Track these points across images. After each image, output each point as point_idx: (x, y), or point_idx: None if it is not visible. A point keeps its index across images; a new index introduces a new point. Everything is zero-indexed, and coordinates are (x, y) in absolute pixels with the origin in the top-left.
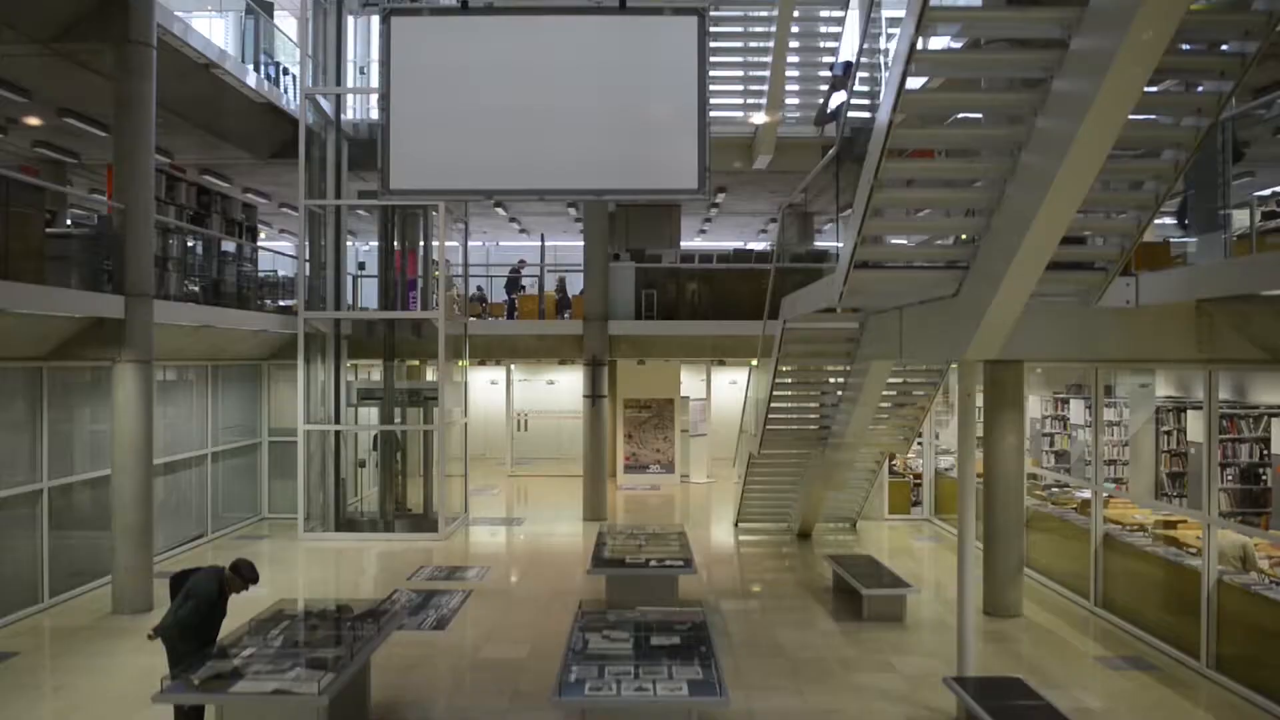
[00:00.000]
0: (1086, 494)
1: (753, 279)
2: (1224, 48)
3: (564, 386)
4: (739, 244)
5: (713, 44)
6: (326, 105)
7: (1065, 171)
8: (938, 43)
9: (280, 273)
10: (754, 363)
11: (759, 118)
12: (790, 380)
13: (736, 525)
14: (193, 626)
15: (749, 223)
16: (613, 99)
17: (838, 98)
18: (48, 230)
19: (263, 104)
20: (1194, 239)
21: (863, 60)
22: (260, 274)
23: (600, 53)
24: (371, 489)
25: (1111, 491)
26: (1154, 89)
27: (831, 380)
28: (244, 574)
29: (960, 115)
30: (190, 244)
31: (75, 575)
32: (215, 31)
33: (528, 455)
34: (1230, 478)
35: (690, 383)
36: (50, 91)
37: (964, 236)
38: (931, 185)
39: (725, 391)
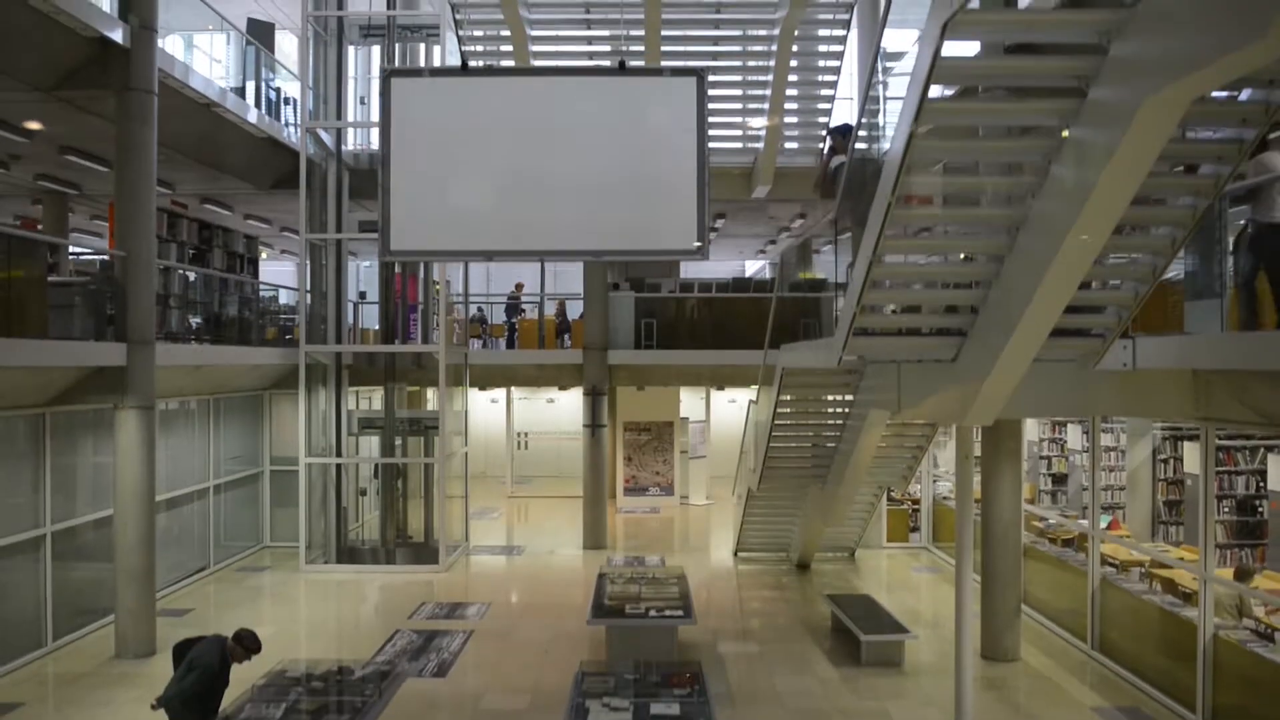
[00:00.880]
0: (1084, 523)
1: (752, 306)
2: (1222, 134)
3: (564, 405)
4: (738, 262)
5: (713, 77)
6: (327, 137)
7: (1062, 256)
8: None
9: (282, 299)
10: (754, 393)
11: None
12: (789, 420)
13: (736, 554)
14: (196, 696)
15: (748, 244)
16: (612, 160)
17: (837, 154)
18: (50, 279)
19: (264, 138)
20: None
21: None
22: (262, 293)
23: (600, 114)
24: (372, 513)
25: (1109, 524)
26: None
27: (831, 422)
28: (247, 644)
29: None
30: (192, 278)
31: (79, 615)
32: (216, 45)
33: (528, 474)
34: (1226, 509)
35: (690, 403)
36: (52, 132)
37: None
38: (934, 245)
39: (725, 410)
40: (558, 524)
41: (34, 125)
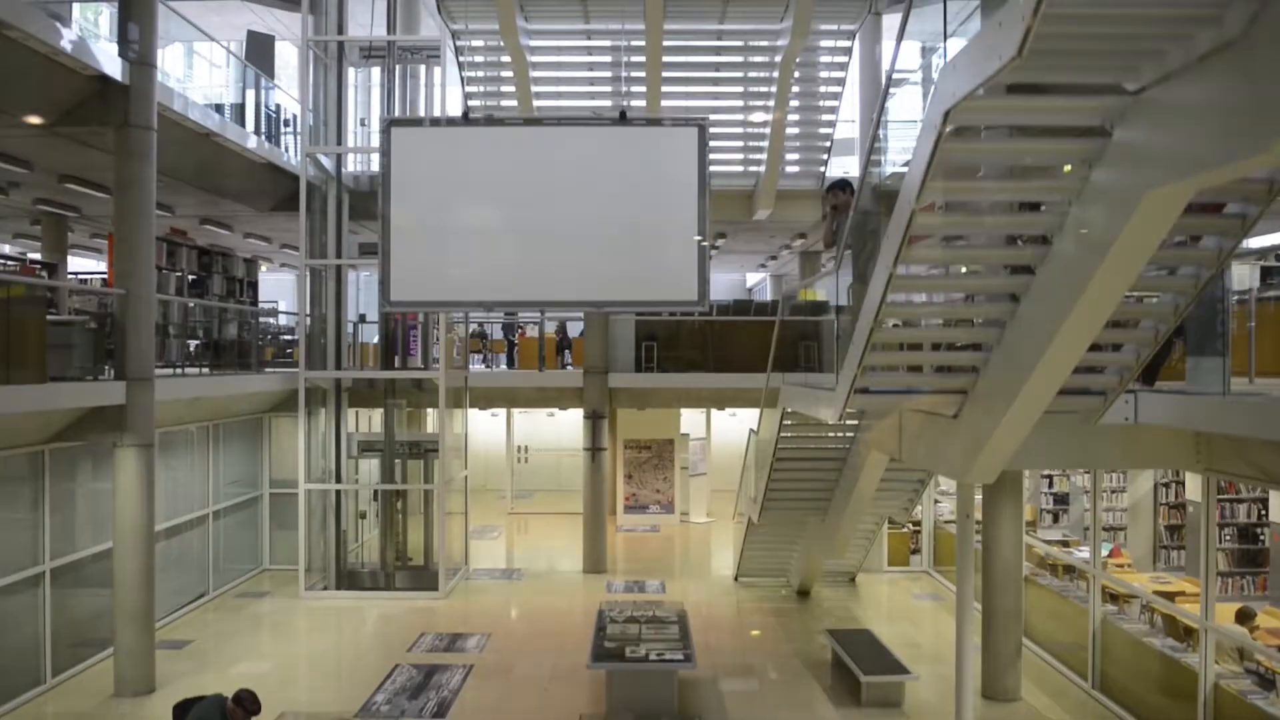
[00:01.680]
0: (1085, 552)
1: (753, 328)
2: (1224, 210)
3: (564, 420)
4: (739, 275)
5: (714, 102)
6: (327, 161)
7: (1064, 332)
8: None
9: (282, 317)
10: (755, 416)
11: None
12: (791, 455)
13: (736, 579)
14: None
15: (749, 259)
16: (613, 211)
17: (838, 209)
18: (49, 317)
19: (263, 163)
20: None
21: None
22: (262, 306)
23: (601, 165)
24: (373, 532)
25: (1110, 551)
26: None
27: (832, 457)
28: (247, 706)
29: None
30: (190, 305)
31: (78, 648)
32: (217, 53)
33: (528, 488)
34: (1228, 537)
35: (690, 419)
36: (51, 163)
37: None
38: (934, 311)
39: (726, 424)
40: (558, 543)
41: (33, 158)
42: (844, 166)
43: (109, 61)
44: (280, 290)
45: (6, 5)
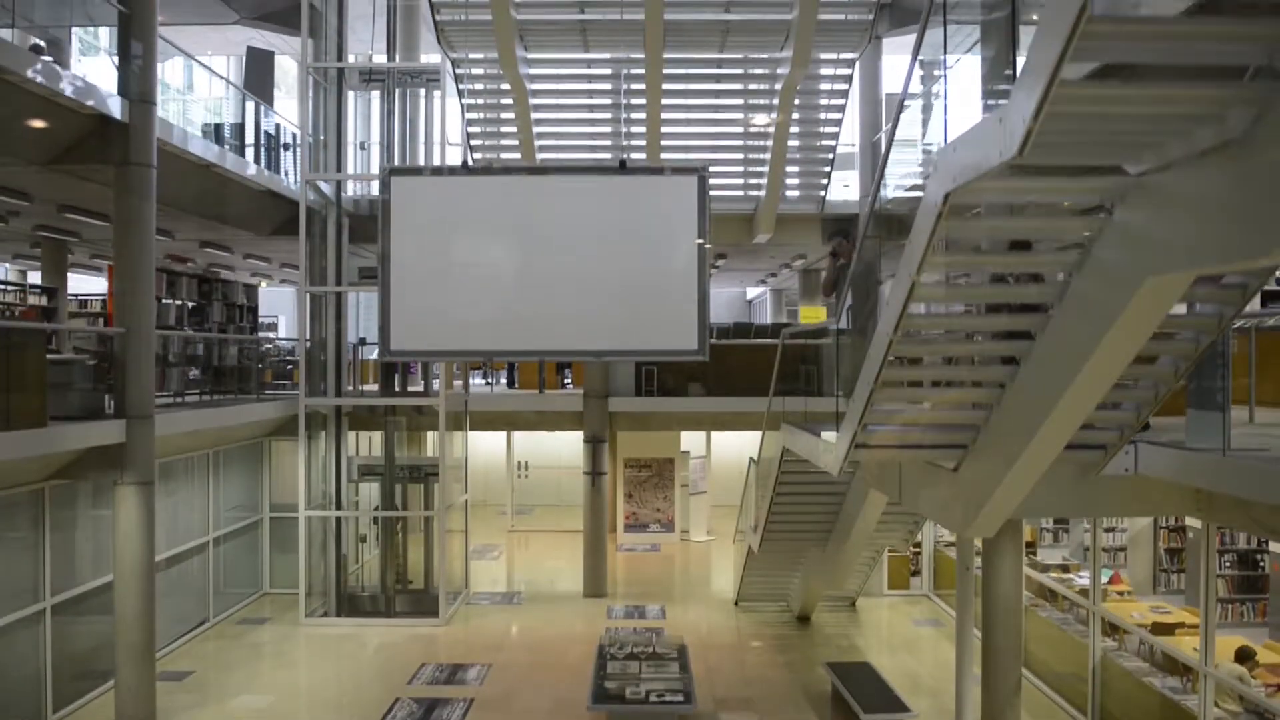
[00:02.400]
0: (1085, 579)
1: (753, 352)
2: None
3: (565, 436)
4: (739, 289)
5: (715, 129)
6: (327, 187)
7: (1064, 401)
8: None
9: (281, 333)
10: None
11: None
12: (790, 490)
13: (737, 604)
14: None
15: (750, 275)
16: (613, 260)
17: (839, 259)
18: (49, 357)
19: (263, 190)
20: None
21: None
22: (262, 320)
23: (601, 213)
24: (373, 552)
25: (1110, 578)
26: None
27: (833, 491)
28: None
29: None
30: (190, 337)
31: (80, 681)
32: (217, 65)
33: (528, 503)
34: (1228, 563)
35: (690, 436)
36: (50, 194)
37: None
38: (934, 373)
39: (726, 440)
40: (558, 564)
41: (32, 190)
42: (843, 179)
43: (109, 102)
44: (280, 303)
45: (6, 52)
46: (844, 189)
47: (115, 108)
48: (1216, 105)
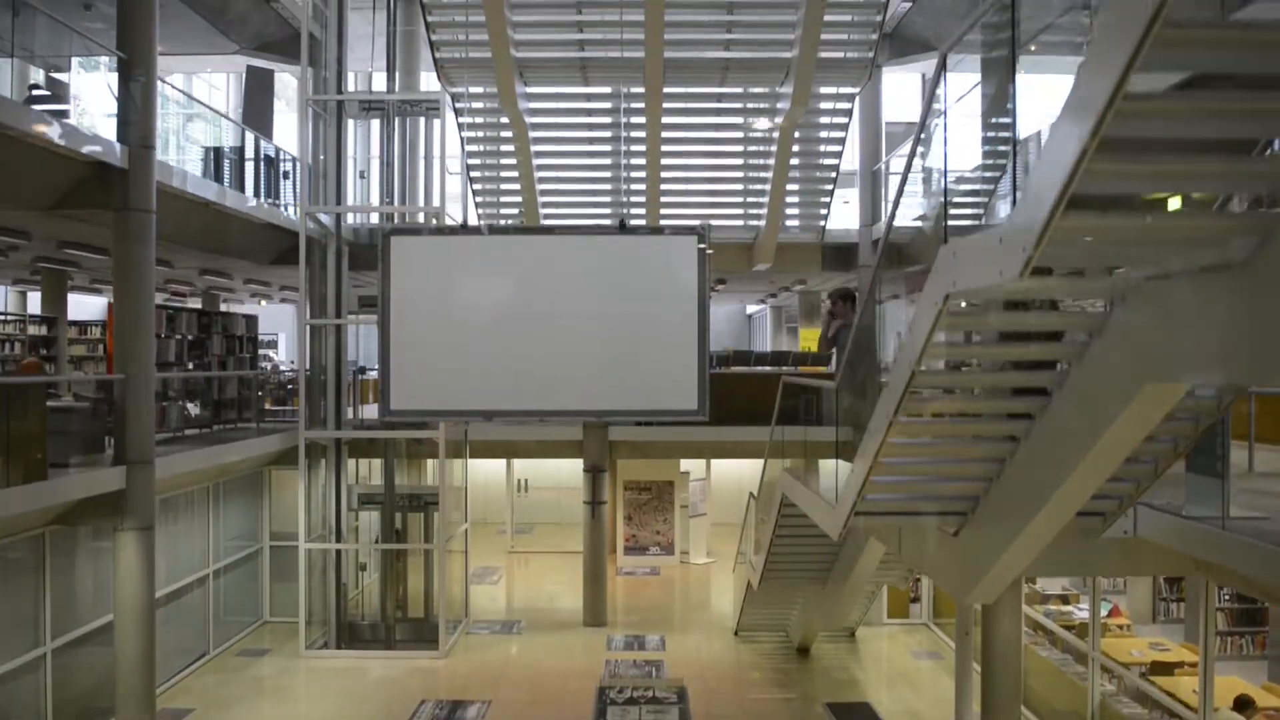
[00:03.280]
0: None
1: (752, 379)
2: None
3: None
4: (738, 306)
5: (714, 161)
6: (326, 218)
7: (1066, 486)
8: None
9: (281, 350)
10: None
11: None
12: (790, 532)
13: (737, 634)
14: None
15: (750, 295)
16: (613, 320)
17: (836, 318)
18: (49, 405)
19: (263, 223)
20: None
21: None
22: (262, 337)
23: (601, 274)
24: (373, 577)
25: (1110, 611)
26: None
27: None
28: None
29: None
30: (189, 376)
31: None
32: (217, 80)
33: (528, 521)
34: (1227, 596)
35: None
36: (49, 233)
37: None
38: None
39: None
40: (558, 588)
41: (32, 229)
42: (843, 196)
43: (108, 150)
44: (280, 320)
45: (5, 109)
46: (844, 205)
47: (114, 154)
48: (1219, 234)
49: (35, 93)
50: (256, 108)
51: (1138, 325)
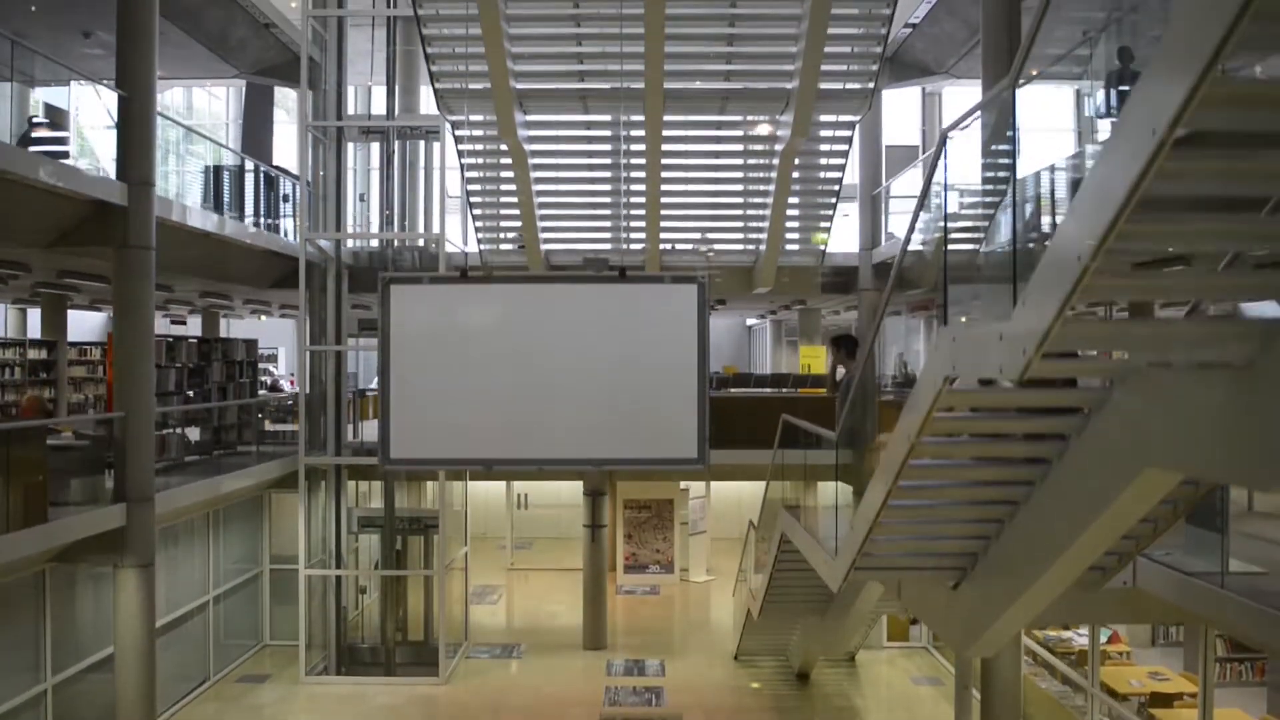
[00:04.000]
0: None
1: (751, 401)
2: None
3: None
4: (738, 320)
5: (714, 187)
6: (326, 244)
7: (1065, 557)
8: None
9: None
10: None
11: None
12: (790, 566)
13: (736, 658)
14: None
15: (750, 310)
16: (612, 368)
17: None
18: (49, 443)
19: (263, 250)
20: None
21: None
22: (261, 351)
23: (600, 322)
24: (373, 597)
25: (1109, 638)
26: None
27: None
28: None
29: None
30: (190, 394)
31: None
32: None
33: (528, 536)
34: None
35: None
36: (48, 265)
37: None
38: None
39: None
40: (558, 608)
41: (32, 262)
42: (843, 209)
43: (108, 189)
44: (280, 334)
45: (5, 155)
46: (844, 218)
47: (114, 193)
48: (1216, 340)
49: (35, 120)
50: (256, 121)
51: (1137, 409)
